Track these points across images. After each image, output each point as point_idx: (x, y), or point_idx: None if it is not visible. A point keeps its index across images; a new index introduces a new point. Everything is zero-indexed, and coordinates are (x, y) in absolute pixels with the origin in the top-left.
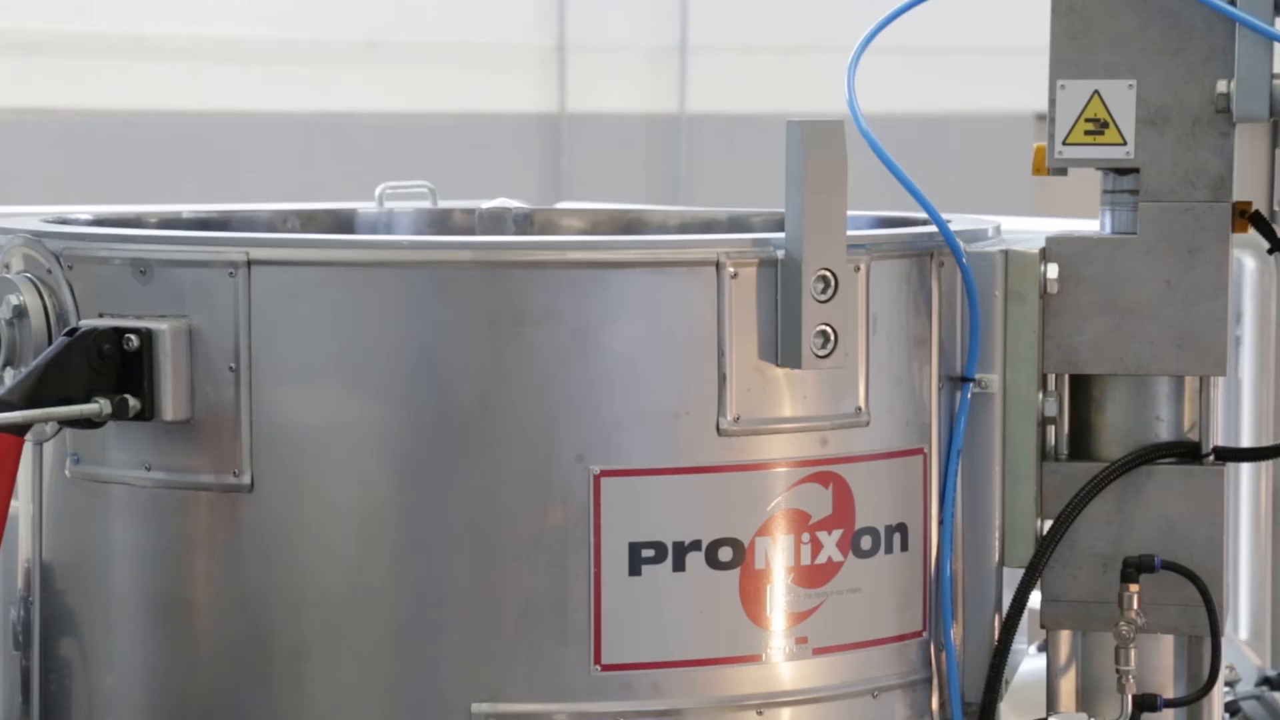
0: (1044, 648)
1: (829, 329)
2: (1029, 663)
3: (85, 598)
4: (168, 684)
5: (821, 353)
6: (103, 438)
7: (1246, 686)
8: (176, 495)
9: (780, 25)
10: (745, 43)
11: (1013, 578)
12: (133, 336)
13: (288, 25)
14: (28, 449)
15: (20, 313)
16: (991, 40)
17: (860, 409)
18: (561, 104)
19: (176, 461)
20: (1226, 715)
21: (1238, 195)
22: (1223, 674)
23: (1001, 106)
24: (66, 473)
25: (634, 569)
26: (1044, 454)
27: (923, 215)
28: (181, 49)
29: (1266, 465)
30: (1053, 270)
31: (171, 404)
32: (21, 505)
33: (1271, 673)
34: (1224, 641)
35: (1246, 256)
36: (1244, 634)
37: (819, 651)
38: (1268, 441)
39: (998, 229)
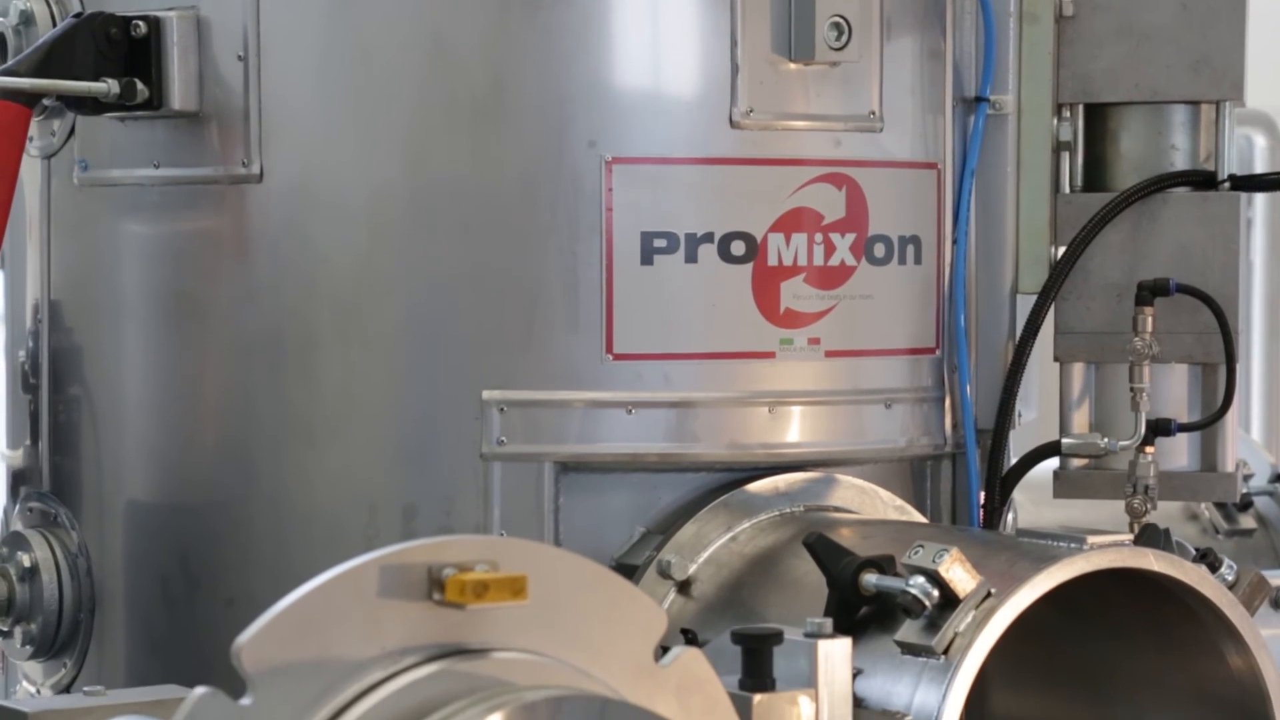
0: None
1: (842, 21)
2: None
3: (95, 310)
4: (179, 384)
5: (835, 45)
6: (110, 140)
7: (1259, 482)
8: (185, 191)
9: None
10: None
11: (1025, 306)
12: (140, 23)
13: None
14: (35, 166)
15: (27, 19)
16: None
17: (874, 113)
18: None
19: (185, 156)
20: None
21: None
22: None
23: None
24: (74, 180)
25: (646, 258)
26: (1058, 184)
27: None
28: None
29: None
30: None
31: (179, 91)
32: (29, 231)
33: None
34: (1238, 439)
35: (1258, 135)
36: (1256, 433)
37: (831, 354)
38: None
39: None
